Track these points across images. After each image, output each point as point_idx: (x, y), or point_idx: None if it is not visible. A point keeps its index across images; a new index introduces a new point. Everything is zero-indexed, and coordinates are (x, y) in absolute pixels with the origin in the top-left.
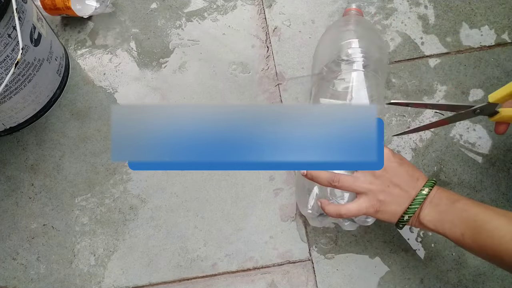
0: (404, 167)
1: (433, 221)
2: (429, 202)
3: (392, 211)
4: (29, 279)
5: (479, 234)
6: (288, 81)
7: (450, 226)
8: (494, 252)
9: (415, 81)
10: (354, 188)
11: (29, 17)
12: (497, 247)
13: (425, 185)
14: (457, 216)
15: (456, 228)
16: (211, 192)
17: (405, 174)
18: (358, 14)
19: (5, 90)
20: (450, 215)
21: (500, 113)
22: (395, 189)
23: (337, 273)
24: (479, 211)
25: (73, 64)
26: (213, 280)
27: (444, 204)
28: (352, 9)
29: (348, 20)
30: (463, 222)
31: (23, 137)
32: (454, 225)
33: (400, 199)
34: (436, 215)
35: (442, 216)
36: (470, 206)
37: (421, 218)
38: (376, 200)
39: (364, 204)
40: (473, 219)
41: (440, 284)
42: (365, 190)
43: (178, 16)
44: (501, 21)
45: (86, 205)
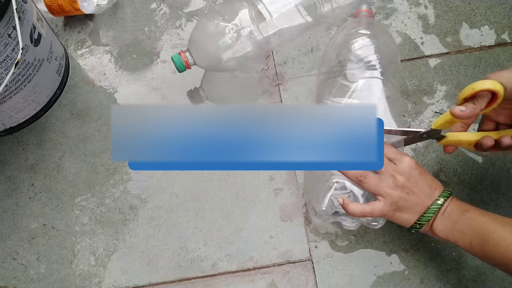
0: (425, 177)
1: (444, 231)
2: (442, 212)
3: (407, 217)
4: (29, 279)
5: (486, 242)
6: (288, 81)
7: (460, 235)
8: (500, 260)
9: (415, 81)
10: (378, 189)
11: (29, 17)
12: (503, 255)
13: (441, 195)
14: (466, 225)
15: (465, 236)
16: (211, 192)
17: (425, 184)
18: (369, 16)
19: (5, 90)
20: (460, 224)
21: (447, 137)
22: (414, 197)
23: (337, 273)
24: (486, 220)
25: (73, 64)
26: (213, 280)
27: (455, 214)
28: (363, 10)
29: (359, 22)
30: (472, 231)
31: (23, 137)
32: (463, 233)
33: (417, 207)
34: (448, 224)
35: (454, 226)
36: (478, 215)
37: (434, 227)
38: (395, 205)
39: (384, 207)
40: (480, 227)
41: (440, 284)
42: (387, 194)
43: (178, 16)
44: (501, 21)
45: (86, 205)
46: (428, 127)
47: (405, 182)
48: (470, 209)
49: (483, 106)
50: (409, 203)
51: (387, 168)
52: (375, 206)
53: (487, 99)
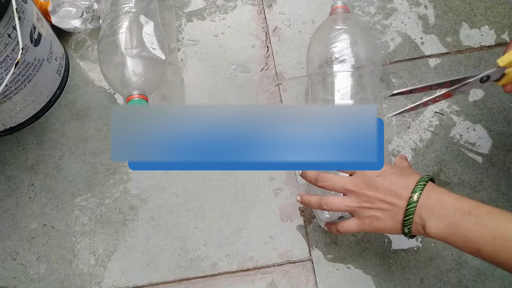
0: (388, 179)
1: (440, 234)
2: (429, 211)
3: (390, 226)
4: (29, 279)
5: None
6: (288, 81)
7: (463, 241)
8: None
9: (415, 81)
10: (342, 208)
11: (29, 17)
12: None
13: (413, 191)
14: (470, 231)
15: (469, 243)
16: (211, 192)
17: (389, 186)
18: (345, 12)
19: (5, 90)
20: (461, 229)
21: (507, 75)
22: (382, 204)
23: (337, 273)
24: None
25: (73, 64)
26: (213, 280)
27: (453, 215)
28: (339, 7)
29: (336, 19)
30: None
31: (23, 137)
32: (468, 240)
33: (391, 212)
34: (444, 228)
35: (453, 229)
36: (484, 218)
37: (427, 231)
38: (365, 218)
39: (354, 222)
40: (491, 235)
41: (440, 284)
42: (352, 210)
43: (178, 16)
44: (501, 21)
45: (86, 205)
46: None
47: (364, 192)
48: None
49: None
50: (382, 211)
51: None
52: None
53: None
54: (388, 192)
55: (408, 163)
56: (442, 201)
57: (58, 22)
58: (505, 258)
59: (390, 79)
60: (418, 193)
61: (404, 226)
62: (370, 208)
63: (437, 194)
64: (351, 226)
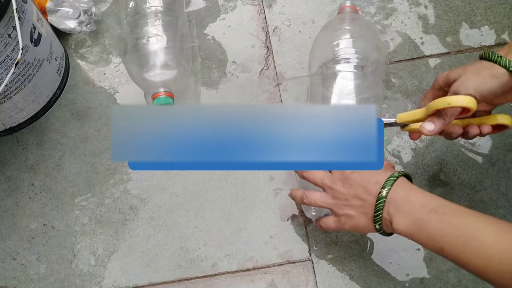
0: (361, 175)
1: (406, 230)
2: (396, 207)
3: (363, 222)
4: (29, 279)
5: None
6: (288, 81)
7: (427, 238)
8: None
9: (415, 81)
10: (320, 204)
11: (29, 17)
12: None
13: (383, 186)
14: (434, 228)
15: (433, 241)
16: (211, 192)
17: (362, 183)
18: (353, 12)
19: (5, 90)
20: (426, 226)
21: (410, 126)
22: (356, 201)
23: (337, 273)
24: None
25: (73, 64)
26: (213, 280)
27: (419, 212)
28: (347, 6)
29: (343, 18)
30: (442, 236)
31: (23, 137)
32: (432, 238)
33: (363, 209)
34: (409, 224)
35: (418, 226)
36: (450, 216)
37: (394, 227)
38: (341, 215)
39: (333, 219)
40: (454, 234)
41: (440, 284)
42: (328, 206)
43: None
44: (501, 21)
45: (86, 205)
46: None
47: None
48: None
49: (452, 120)
50: (355, 208)
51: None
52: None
53: (457, 113)
54: (361, 188)
55: (389, 163)
56: (410, 198)
57: (54, 21)
58: (467, 258)
59: (390, 79)
60: (387, 189)
61: (375, 222)
62: (345, 205)
63: (406, 190)
64: (330, 223)
